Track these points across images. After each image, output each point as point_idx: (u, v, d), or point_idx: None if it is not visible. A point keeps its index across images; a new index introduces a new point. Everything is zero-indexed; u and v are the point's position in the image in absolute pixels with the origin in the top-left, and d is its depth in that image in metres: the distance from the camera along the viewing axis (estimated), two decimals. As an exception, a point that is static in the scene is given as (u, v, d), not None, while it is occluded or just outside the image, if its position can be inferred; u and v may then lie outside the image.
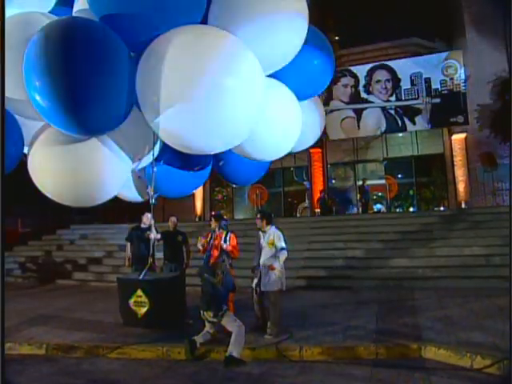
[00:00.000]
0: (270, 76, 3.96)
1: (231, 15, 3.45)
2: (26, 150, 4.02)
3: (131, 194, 4.96)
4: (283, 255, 5.38)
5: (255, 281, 5.56)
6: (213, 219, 6.04)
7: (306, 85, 4.45)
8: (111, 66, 3.12)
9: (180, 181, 5.07)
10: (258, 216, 5.66)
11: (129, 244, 6.94)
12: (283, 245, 5.40)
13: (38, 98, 3.05)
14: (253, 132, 3.65)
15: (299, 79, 4.26)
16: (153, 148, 4.28)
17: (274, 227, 5.58)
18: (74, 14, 3.68)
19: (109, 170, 3.83)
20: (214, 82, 3.08)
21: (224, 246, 5.65)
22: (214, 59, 3.11)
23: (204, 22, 3.55)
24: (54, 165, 3.66)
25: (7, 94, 3.35)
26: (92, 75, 3.03)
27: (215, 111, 3.12)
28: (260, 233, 5.64)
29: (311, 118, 4.83)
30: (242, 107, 3.26)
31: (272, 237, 5.43)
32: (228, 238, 5.76)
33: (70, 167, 3.64)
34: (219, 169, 5.42)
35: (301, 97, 4.42)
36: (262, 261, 5.47)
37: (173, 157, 4.67)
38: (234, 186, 16.23)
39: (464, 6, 14.23)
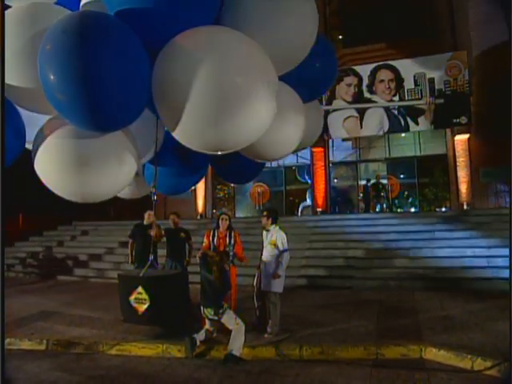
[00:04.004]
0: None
1: (244, 17, 3.47)
2: (28, 145, 4.02)
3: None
4: (286, 259, 5.36)
5: (256, 279, 5.55)
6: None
7: (309, 88, 4.46)
8: (129, 63, 3.11)
9: (177, 178, 5.06)
10: (265, 214, 5.59)
11: (131, 241, 6.95)
12: (286, 246, 5.38)
13: (54, 91, 3.04)
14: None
15: (303, 82, 4.27)
16: (155, 145, 4.28)
17: (278, 228, 5.54)
18: (82, 6, 3.66)
19: (117, 167, 3.84)
20: (231, 83, 3.08)
21: (231, 252, 5.56)
22: (231, 60, 3.12)
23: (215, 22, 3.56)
24: (63, 161, 3.64)
25: (16, 83, 3.37)
26: (111, 71, 3.02)
27: (231, 111, 3.13)
28: (264, 231, 5.61)
29: (311, 120, 4.85)
30: (257, 107, 3.27)
31: (274, 237, 5.40)
32: (233, 236, 5.71)
33: (78, 164, 3.63)
34: (217, 168, 5.41)
35: (303, 99, 4.45)
36: (263, 258, 5.47)
37: (172, 154, 4.67)
38: (232, 184, 16.31)
39: (469, 5, 14.17)
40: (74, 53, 2.92)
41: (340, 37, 16.39)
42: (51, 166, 3.73)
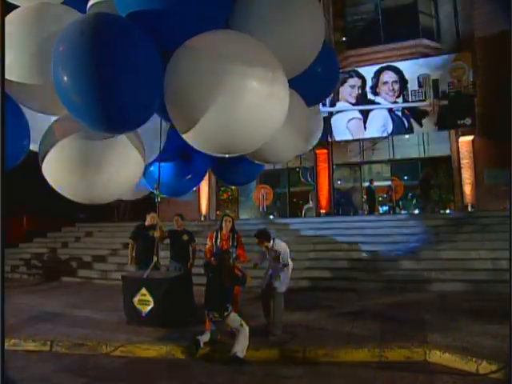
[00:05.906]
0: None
1: (254, 22, 3.50)
2: (33, 147, 4.02)
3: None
4: (288, 270, 5.42)
5: (264, 282, 5.54)
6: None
7: (311, 92, 4.48)
8: (142, 65, 3.14)
9: (178, 180, 5.07)
10: (256, 241, 5.46)
11: (131, 242, 6.95)
12: (286, 261, 5.36)
13: (68, 92, 3.06)
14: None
15: (306, 86, 4.28)
16: (159, 147, 4.29)
17: (277, 241, 5.46)
18: (90, 6, 3.66)
19: (125, 169, 3.86)
20: (243, 86, 3.10)
21: (234, 254, 5.58)
22: (244, 63, 3.13)
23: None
24: (71, 163, 3.67)
25: (22, 83, 3.39)
26: (126, 73, 3.04)
27: (244, 114, 3.15)
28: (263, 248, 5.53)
29: (311, 123, 4.87)
30: (270, 110, 3.29)
31: (278, 254, 5.37)
32: (235, 238, 5.71)
33: (87, 166, 3.66)
34: (216, 169, 5.41)
35: (306, 103, 4.47)
36: (269, 263, 5.49)
37: (173, 156, 4.68)
38: (233, 186, 16.29)
39: (473, 7, 14.11)
40: (93, 55, 2.94)
41: (344, 38, 16.38)
42: (59, 167, 3.74)
